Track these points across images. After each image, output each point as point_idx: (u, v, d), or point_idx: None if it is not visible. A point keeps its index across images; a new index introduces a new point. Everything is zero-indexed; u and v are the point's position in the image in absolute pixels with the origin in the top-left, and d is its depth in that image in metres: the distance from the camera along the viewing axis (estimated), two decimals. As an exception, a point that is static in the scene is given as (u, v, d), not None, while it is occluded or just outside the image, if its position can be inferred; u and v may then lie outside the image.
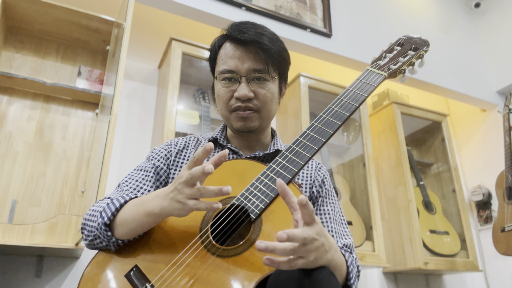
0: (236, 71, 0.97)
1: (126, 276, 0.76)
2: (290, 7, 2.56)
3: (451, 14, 3.48)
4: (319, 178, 1.05)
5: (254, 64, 0.96)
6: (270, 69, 0.98)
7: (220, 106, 1.02)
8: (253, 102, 0.97)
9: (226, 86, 0.99)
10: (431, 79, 2.95)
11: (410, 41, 1.06)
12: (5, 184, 1.78)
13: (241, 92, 0.95)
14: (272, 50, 0.97)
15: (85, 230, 0.86)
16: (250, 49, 0.97)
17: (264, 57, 0.96)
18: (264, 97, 0.98)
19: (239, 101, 0.97)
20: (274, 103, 1.02)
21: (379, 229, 2.40)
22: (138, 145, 2.24)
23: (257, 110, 0.98)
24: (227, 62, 0.98)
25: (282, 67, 1.02)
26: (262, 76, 0.97)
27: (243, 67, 0.97)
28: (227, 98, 0.99)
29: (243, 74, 0.97)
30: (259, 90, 0.97)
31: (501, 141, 2.80)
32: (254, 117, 0.99)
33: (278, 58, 0.99)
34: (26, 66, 1.99)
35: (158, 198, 0.79)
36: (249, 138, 1.05)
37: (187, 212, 0.75)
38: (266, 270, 0.69)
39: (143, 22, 2.39)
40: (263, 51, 0.96)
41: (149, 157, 1.05)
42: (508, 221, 2.53)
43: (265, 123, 1.02)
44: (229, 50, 0.99)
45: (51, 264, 1.80)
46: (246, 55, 0.97)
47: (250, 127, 0.99)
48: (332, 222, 0.99)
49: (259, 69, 0.97)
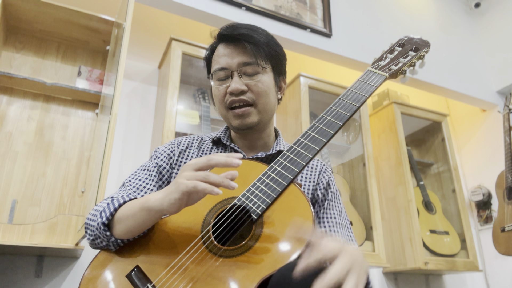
0: (227, 67, 0.98)
1: (127, 277, 0.75)
2: (290, 7, 2.56)
3: (451, 14, 3.48)
4: (324, 181, 1.04)
5: (243, 57, 0.97)
6: (260, 61, 0.98)
7: (217, 105, 1.03)
8: (247, 95, 0.97)
9: (220, 84, 1.00)
10: (431, 79, 2.95)
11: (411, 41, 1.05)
12: (5, 184, 1.78)
13: (233, 85, 0.96)
14: (259, 42, 0.98)
15: (88, 230, 0.86)
16: (239, 45, 0.98)
17: (252, 49, 0.97)
18: (257, 88, 0.97)
19: (233, 96, 0.97)
20: (271, 96, 1.01)
21: (379, 229, 2.40)
22: (138, 145, 2.24)
23: (253, 103, 0.98)
24: (218, 61, 1.00)
25: (274, 59, 1.02)
26: (253, 69, 0.98)
27: (233, 62, 0.98)
28: (222, 96, 0.99)
29: (234, 68, 0.98)
30: (251, 82, 0.97)
31: (501, 141, 2.80)
32: (252, 112, 0.98)
33: (268, 49, 0.99)
34: (26, 66, 1.99)
35: (157, 192, 0.79)
36: (251, 138, 1.05)
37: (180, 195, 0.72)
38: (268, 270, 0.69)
39: (143, 22, 2.39)
40: (249, 43, 0.97)
41: (153, 157, 1.05)
42: (508, 221, 2.53)
43: (264, 118, 1.01)
44: (220, 51, 1.01)
45: (51, 264, 1.80)
46: (235, 51, 0.98)
47: (249, 124, 0.98)
48: (338, 226, 0.98)
49: (248, 62, 0.97)
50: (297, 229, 0.73)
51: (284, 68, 1.08)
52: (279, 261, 0.69)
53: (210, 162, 0.75)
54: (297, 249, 0.69)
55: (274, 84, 1.03)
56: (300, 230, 0.72)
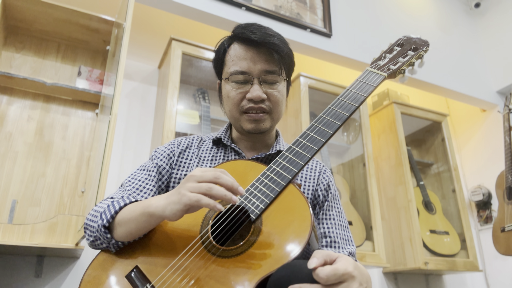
0: (248, 72, 0.96)
1: (126, 277, 0.76)
2: (290, 7, 2.56)
3: (451, 14, 3.48)
4: (324, 182, 1.04)
5: (267, 65, 0.96)
6: (282, 71, 0.98)
7: (229, 107, 1.01)
8: (265, 103, 0.97)
9: (238, 88, 0.98)
10: (431, 79, 2.95)
11: (409, 41, 1.06)
12: (5, 184, 1.78)
13: (255, 93, 0.95)
14: (284, 51, 0.97)
15: (88, 231, 0.86)
16: (262, 50, 0.97)
17: (278, 58, 0.96)
18: (275, 98, 0.98)
19: (251, 102, 0.96)
20: (284, 105, 1.03)
21: (379, 229, 2.40)
22: (138, 145, 2.24)
23: (269, 111, 0.99)
24: (238, 63, 0.97)
25: (291, 68, 1.03)
26: (274, 78, 0.97)
27: (255, 68, 0.96)
28: (239, 100, 0.98)
29: (256, 75, 0.96)
30: (271, 91, 0.97)
31: (501, 141, 2.80)
32: (267, 119, 0.99)
33: (288, 60, 1.00)
34: (26, 66, 1.99)
35: (158, 197, 0.79)
36: (255, 139, 1.05)
37: (182, 206, 0.73)
38: (266, 270, 0.69)
39: (143, 22, 2.39)
40: (276, 52, 0.96)
41: (152, 157, 1.05)
42: (508, 221, 2.53)
43: (275, 124, 1.04)
44: (239, 51, 0.98)
45: (51, 264, 1.80)
46: (258, 56, 0.96)
47: (262, 129, 0.99)
48: (337, 227, 0.99)
49: (271, 70, 0.97)
50: (296, 229, 0.73)
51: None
52: (278, 261, 0.69)
53: (217, 180, 0.74)
54: (295, 249, 0.70)
55: (285, 92, 1.04)
56: (299, 230, 0.72)
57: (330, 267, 0.62)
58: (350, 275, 0.63)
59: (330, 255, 0.65)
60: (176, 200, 0.74)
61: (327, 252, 0.66)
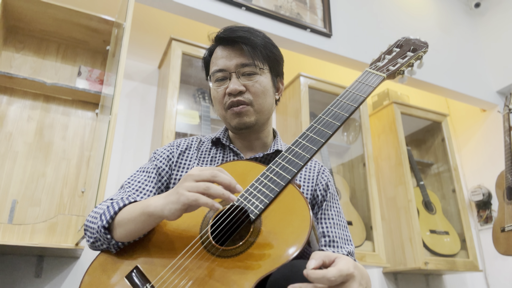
0: (225, 69, 1.00)
1: (126, 277, 0.76)
2: (290, 7, 2.56)
3: (451, 14, 3.48)
4: (323, 182, 1.05)
5: (241, 59, 0.99)
6: (257, 62, 0.99)
7: (216, 106, 1.04)
8: (244, 96, 0.98)
9: (219, 85, 1.02)
10: (431, 79, 2.95)
11: (408, 42, 1.06)
12: (5, 184, 1.78)
13: (231, 86, 0.98)
14: (256, 43, 0.99)
15: (88, 232, 0.87)
16: (236, 47, 1.00)
17: (249, 50, 0.98)
18: (254, 88, 0.99)
19: (231, 96, 0.99)
20: (268, 97, 1.02)
21: (379, 229, 2.40)
22: (138, 145, 2.24)
23: (250, 103, 0.99)
24: (216, 63, 1.02)
25: (271, 60, 1.04)
26: (250, 70, 0.99)
27: (231, 63, 0.99)
28: (221, 97, 1.01)
29: (232, 70, 0.99)
30: (250, 82, 0.99)
31: (501, 141, 2.80)
32: (249, 112, 0.99)
33: (265, 51, 1.01)
34: (26, 66, 1.99)
35: (157, 197, 0.79)
36: (250, 138, 1.06)
37: (180, 206, 0.73)
38: (266, 269, 0.69)
39: (143, 22, 2.39)
40: (247, 45, 0.99)
41: (152, 158, 1.05)
42: (508, 221, 2.53)
43: (261, 119, 1.02)
44: (217, 53, 1.03)
45: (51, 264, 1.80)
46: (233, 53, 1.00)
47: (246, 123, 1.00)
48: (336, 227, 0.99)
49: (246, 63, 0.99)
50: (295, 229, 0.73)
51: (282, 69, 1.09)
52: (277, 261, 0.69)
53: (214, 178, 0.75)
54: (294, 249, 0.70)
55: (271, 85, 1.04)
56: (298, 230, 0.73)
57: (335, 268, 0.62)
58: (351, 275, 0.63)
59: (329, 256, 0.65)
60: (175, 200, 0.74)
61: (325, 253, 0.66)
